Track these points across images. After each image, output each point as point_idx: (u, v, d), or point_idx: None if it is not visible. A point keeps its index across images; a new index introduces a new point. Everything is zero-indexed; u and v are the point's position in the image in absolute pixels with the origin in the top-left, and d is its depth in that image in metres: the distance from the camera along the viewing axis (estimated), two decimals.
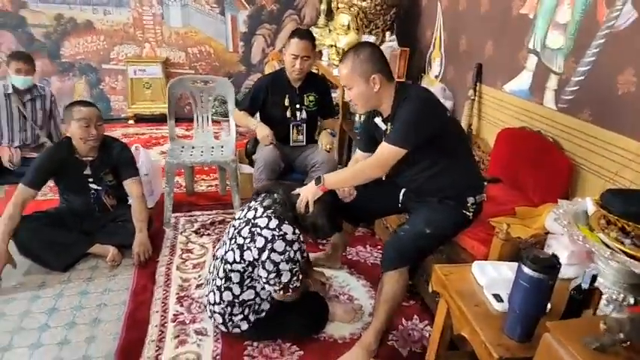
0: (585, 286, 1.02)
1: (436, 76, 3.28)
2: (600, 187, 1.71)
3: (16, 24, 4.13)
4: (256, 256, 1.55)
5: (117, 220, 2.32)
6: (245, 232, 1.59)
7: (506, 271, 1.28)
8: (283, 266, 1.54)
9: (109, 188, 2.30)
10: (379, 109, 1.73)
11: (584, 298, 1.03)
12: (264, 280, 1.58)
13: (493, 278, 1.27)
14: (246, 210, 1.68)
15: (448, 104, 2.96)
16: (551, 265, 0.99)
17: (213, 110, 4.51)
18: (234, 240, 1.62)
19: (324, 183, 1.68)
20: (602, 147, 1.78)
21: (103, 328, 1.81)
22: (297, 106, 2.54)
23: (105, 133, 2.25)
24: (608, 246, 1.04)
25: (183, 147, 2.81)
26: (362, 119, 2.31)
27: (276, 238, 1.53)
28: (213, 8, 4.51)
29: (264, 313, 1.71)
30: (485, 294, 1.22)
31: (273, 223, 1.56)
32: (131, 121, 4.53)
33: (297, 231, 1.59)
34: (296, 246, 1.57)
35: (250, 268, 1.60)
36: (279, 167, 2.44)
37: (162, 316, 1.90)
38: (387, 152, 1.61)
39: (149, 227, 2.32)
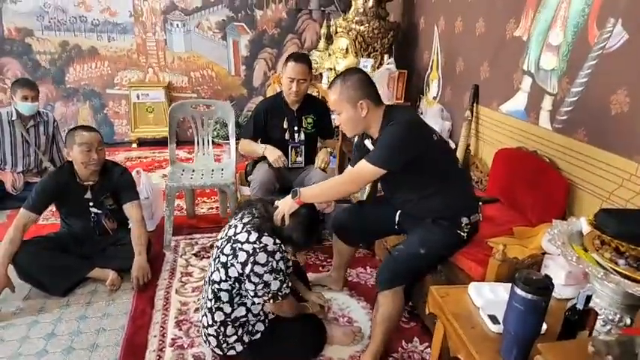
0: (580, 307, 1.01)
1: (434, 98, 3.32)
2: (597, 206, 1.71)
3: (22, 51, 4.24)
4: (240, 271, 1.55)
5: (117, 244, 2.33)
6: (227, 249, 1.59)
7: (503, 292, 1.27)
8: (268, 277, 1.54)
9: (110, 212, 2.32)
10: (368, 132, 1.76)
11: (579, 319, 1.02)
12: (252, 294, 1.57)
13: (489, 299, 1.26)
14: (227, 229, 1.69)
15: (446, 125, 2.99)
16: (545, 286, 0.99)
17: (215, 133, 4.56)
18: (217, 260, 1.62)
19: (300, 196, 1.69)
20: (598, 166, 1.78)
21: (101, 354, 1.80)
22: (296, 128, 2.58)
23: (106, 158, 2.28)
24: (602, 266, 1.04)
25: (183, 170, 2.83)
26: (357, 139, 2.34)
27: (258, 250, 1.53)
28: (216, 33, 4.61)
29: (259, 335, 1.69)
30: (482, 315, 1.21)
31: (253, 236, 1.56)
32: (134, 145, 4.58)
33: (277, 241, 1.59)
34: (278, 256, 1.57)
35: (237, 285, 1.60)
36: (274, 187, 2.47)
37: (160, 340, 1.88)
38: (366, 170, 1.63)
39: (148, 251, 2.32)
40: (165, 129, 4.02)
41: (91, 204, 2.24)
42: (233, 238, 1.60)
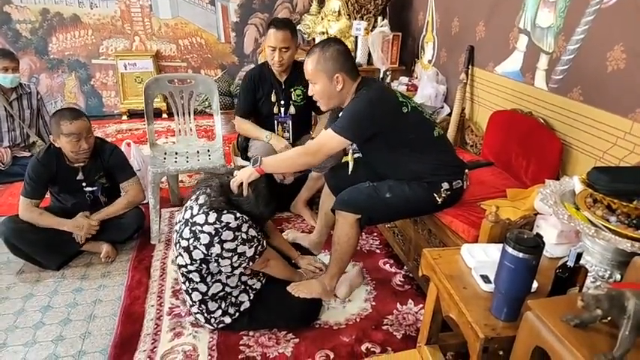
0: (571, 264, 1.01)
1: (429, 61, 3.25)
2: (590, 166, 1.69)
3: (1, 21, 4.08)
4: (205, 252, 1.52)
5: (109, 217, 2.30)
6: (186, 233, 1.54)
7: (495, 252, 1.26)
8: (242, 248, 1.53)
9: (104, 190, 2.27)
10: (343, 107, 1.72)
11: (570, 277, 1.03)
12: (230, 269, 1.56)
13: (482, 260, 1.26)
14: (183, 211, 1.63)
15: (441, 89, 2.94)
16: (535, 244, 0.98)
17: (207, 103, 4.45)
18: (178, 244, 1.59)
19: (261, 164, 1.65)
20: (593, 126, 1.76)
21: (99, 324, 1.82)
22: (284, 101, 2.45)
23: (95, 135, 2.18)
24: (593, 224, 1.04)
25: (165, 153, 2.56)
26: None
27: (221, 230, 1.49)
28: None
29: (247, 303, 1.71)
30: (474, 275, 1.22)
31: (212, 216, 1.51)
32: (124, 117, 4.48)
33: (238, 214, 1.54)
34: (244, 227, 1.54)
35: (205, 265, 1.58)
36: None
37: (157, 309, 1.90)
38: (330, 139, 1.63)
39: (140, 227, 2.33)
40: (157, 100, 3.92)
41: (84, 184, 2.19)
42: (190, 220, 1.55)
